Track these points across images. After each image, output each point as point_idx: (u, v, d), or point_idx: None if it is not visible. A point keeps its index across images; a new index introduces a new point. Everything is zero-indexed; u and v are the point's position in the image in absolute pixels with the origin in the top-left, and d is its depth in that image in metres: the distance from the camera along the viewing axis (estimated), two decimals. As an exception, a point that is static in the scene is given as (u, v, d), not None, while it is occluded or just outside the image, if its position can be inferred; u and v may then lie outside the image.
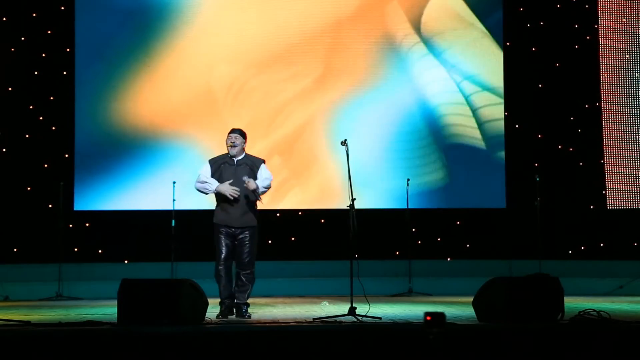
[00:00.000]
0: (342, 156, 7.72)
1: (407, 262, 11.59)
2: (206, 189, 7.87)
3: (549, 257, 11.75)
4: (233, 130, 7.94)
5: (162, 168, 12.09)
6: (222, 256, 7.80)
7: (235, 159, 7.89)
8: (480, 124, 12.67)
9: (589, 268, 12.13)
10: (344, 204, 7.83)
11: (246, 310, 7.78)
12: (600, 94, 12.93)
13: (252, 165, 7.91)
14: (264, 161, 8.01)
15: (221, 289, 7.80)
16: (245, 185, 7.72)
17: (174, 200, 11.15)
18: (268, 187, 7.91)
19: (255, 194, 7.76)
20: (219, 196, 7.85)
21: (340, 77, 12.52)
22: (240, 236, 7.82)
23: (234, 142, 7.84)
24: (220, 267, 7.80)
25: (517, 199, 12.58)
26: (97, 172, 12.12)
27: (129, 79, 12.26)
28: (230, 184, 7.75)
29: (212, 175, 7.87)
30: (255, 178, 7.81)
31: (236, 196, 7.73)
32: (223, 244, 7.82)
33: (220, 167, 7.86)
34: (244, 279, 7.80)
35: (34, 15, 12.41)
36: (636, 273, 11.65)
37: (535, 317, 6.73)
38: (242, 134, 7.95)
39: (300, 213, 12.54)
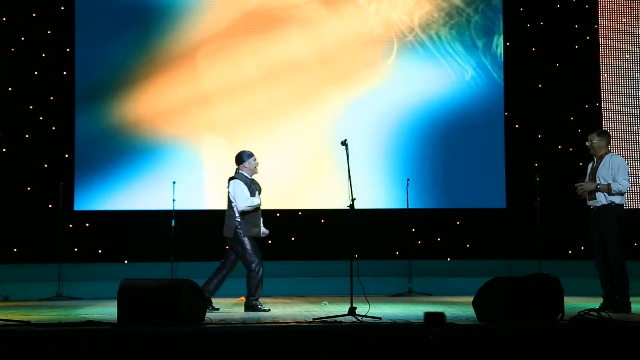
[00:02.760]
0: (342, 156, 7.71)
1: (407, 262, 11.58)
2: (253, 205, 8.52)
3: (549, 257, 11.74)
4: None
5: (162, 168, 12.10)
6: (260, 259, 8.47)
7: (254, 181, 8.67)
8: (480, 124, 12.66)
9: (589, 268, 12.09)
10: (344, 204, 7.83)
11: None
12: (600, 94, 12.94)
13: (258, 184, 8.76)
14: None
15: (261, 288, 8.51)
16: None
17: (174, 200, 11.14)
18: None
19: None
20: (250, 211, 8.49)
21: (340, 77, 12.52)
22: None
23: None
24: (261, 269, 8.45)
25: (517, 199, 12.58)
26: (97, 172, 12.13)
27: (129, 79, 12.27)
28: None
29: None
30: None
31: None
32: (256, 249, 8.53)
33: (251, 187, 8.55)
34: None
35: (34, 15, 12.42)
36: (636, 273, 11.63)
37: (535, 317, 6.71)
38: None
39: (300, 213, 12.54)
